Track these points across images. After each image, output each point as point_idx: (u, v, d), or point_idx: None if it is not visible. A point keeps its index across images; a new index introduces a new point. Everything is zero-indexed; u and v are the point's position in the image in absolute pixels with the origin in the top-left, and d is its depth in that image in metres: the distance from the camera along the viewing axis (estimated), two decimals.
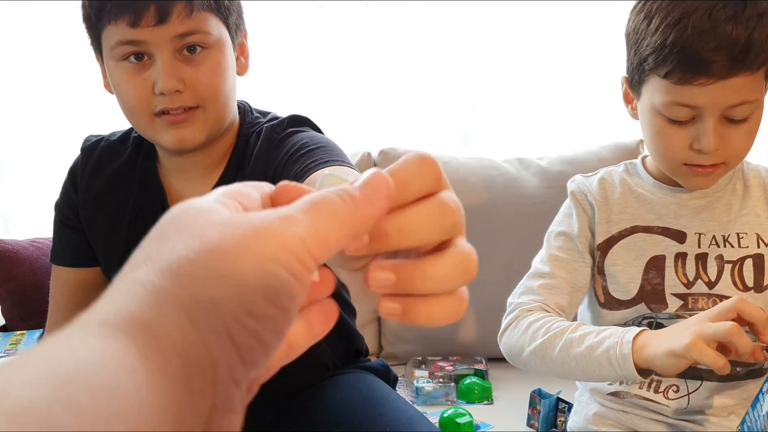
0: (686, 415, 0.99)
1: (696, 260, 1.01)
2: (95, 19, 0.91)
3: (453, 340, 1.62)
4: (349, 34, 1.97)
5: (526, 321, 1.01)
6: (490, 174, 1.69)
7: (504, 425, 1.28)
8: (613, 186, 1.07)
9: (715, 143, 0.91)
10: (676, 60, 0.90)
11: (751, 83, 0.90)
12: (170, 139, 0.91)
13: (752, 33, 0.87)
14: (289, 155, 0.91)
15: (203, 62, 0.90)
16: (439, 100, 1.98)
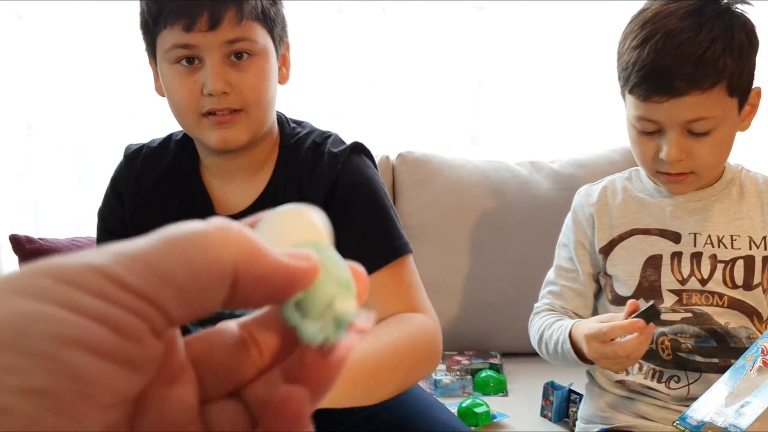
0: (688, 402, 1.05)
1: (691, 259, 1.08)
2: (152, 24, 0.96)
3: (469, 336, 1.69)
4: (366, 39, 2.02)
5: (533, 322, 1.19)
6: (504, 176, 1.76)
7: (518, 415, 1.35)
8: (615, 193, 1.16)
9: (675, 154, 0.99)
10: (636, 79, 1.00)
11: (706, 101, 0.98)
12: (215, 138, 0.96)
13: (703, 55, 0.96)
14: (353, 231, 0.96)
15: (249, 68, 0.95)
16: (454, 103, 2.04)
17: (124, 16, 1.79)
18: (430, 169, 1.77)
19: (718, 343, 1.06)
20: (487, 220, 1.72)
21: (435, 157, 1.80)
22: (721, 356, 1.06)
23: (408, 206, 1.74)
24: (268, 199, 1.02)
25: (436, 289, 1.67)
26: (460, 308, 1.69)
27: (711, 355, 1.06)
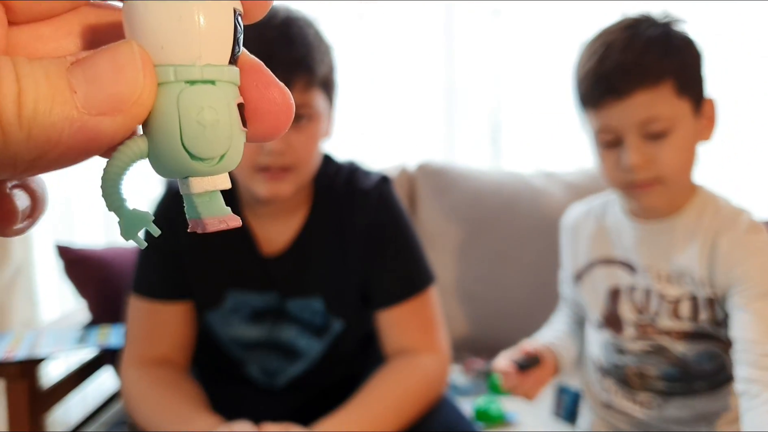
0: (661, 423, 1.11)
1: (643, 293, 1.11)
2: None
3: (484, 340, 1.76)
4: (387, 49, 2.10)
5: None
6: (519, 187, 1.82)
7: (531, 414, 1.42)
8: (589, 220, 1.21)
9: (635, 158, 1.00)
10: (585, 89, 1.04)
11: (655, 99, 1.00)
12: (266, 191, 1.01)
13: (642, 56, 1.00)
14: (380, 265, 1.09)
15: (306, 131, 1.01)
16: (472, 116, 2.11)
17: None
18: (447, 179, 1.84)
19: (681, 369, 1.09)
20: (502, 229, 1.79)
21: (453, 168, 1.87)
22: (685, 381, 1.09)
23: (426, 215, 1.82)
24: (307, 236, 1.10)
25: (452, 294, 1.75)
26: (476, 313, 1.77)
27: (676, 380, 1.09)
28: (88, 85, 0.19)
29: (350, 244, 1.10)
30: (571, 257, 1.22)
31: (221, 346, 1.15)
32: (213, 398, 1.10)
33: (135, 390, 1.06)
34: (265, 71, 0.23)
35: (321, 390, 1.18)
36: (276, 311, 1.13)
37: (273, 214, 1.10)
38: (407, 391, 1.02)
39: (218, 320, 1.13)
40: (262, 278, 1.11)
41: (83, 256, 1.44)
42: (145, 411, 1.04)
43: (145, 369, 1.07)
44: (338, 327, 1.13)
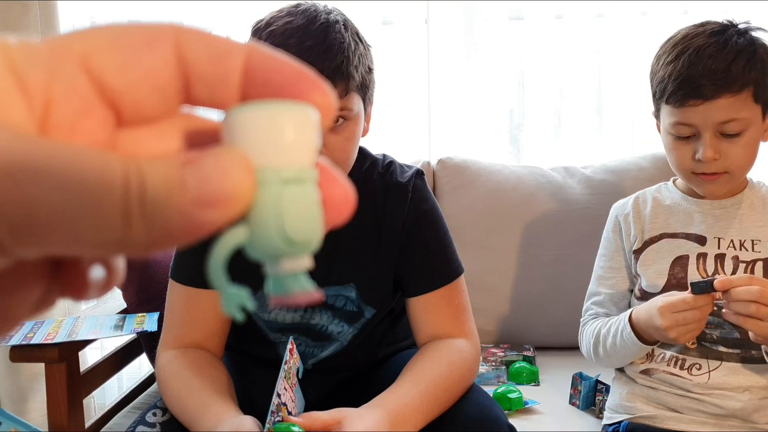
0: (707, 390, 1.15)
1: (715, 259, 1.18)
2: None
3: (505, 330, 1.80)
4: (410, 51, 2.13)
5: (584, 332, 1.29)
6: (539, 181, 1.86)
7: (549, 402, 1.46)
8: (646, 203, 1.28)
9: (711, 154, 1.11)
10: (672, 88, 1.12)
11: (736, 103, 1.10)
12: None
13: (730, 65, 1.09)
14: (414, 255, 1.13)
15: (343, 132, 1.04)
16: (493, 112, 2.14)
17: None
18: (468, 174, 1.88)
19: (741, 335, 1.14)
20: (522, 223, 1.82)
21: (473, 163, 1.91)
22: (743, 347, 1.14)
23: (447, 209, 1.85)
24: (344, 227, 1.12)
25: (474, 286, 1.77)
26: (497, 305, 1.80)
27: (734, 346, 1.15)
28: (197, 183, 0.22)
29: (385, 235, 1.14)
30: (635, 233, 1.26)
31: (257, 329, 1.20)
32: (244, 380, 1.15)
33: (167, 370, 1.11)
34: (330, 170, 0.27)
35: (346, 370, 1.23)
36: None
37: None
38: (452, 370, 1.06)
39: (257, 304, 1.17)
40: None
41: None
42: (170, 392, 1.09)
43: (177, 352, 1.12)
44: (369, 314, 1.17)
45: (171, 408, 1.09)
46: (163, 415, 1.12)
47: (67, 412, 1.29)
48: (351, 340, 1.19)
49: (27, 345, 1.26)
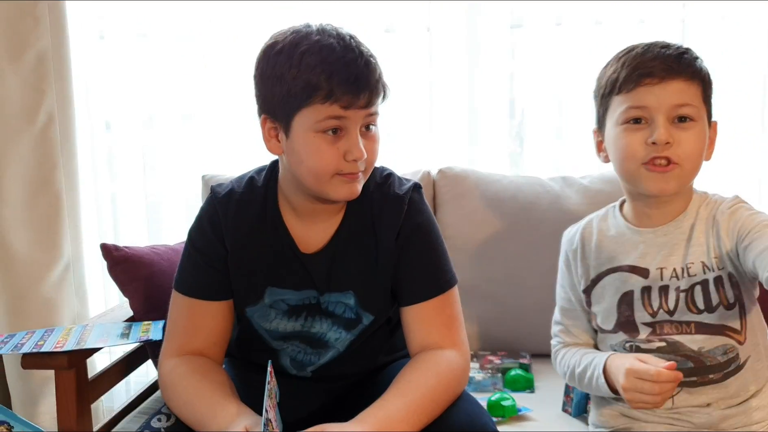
0: (674, 412, 1.20)
1: (659, 292, 1.19)
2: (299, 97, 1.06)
3: (501, 338, 1.84)
4: (412, 61, 2.17)
5: (558, 360, 1.34)
6: (537, 191, 1.90)
7: (542, 409, 1.50)
8: (591, 235, 1.30)
9: (665, 135, 1.12)
10: (627, 73, 1.16)
11: (688, 90, 1.15)
12: (344, 192, 1.12)
13: (682, 55, 1.16)
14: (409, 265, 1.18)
15: (374, 138, 1.13)
16: (492, 123, 2.18)
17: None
18: (467, 183, 1.92)
19: (695, 364, 1.17)
20: (520, 231, 1.87)
21: (472, 173, 1.95)
22: (698, 374, 1.18)
23: (447, 217, 1.90)
24: (343, 236, 1.20)
25: (472, 294, 1.83)
26: (494, 312, 1.85)
27: (690, 375, 1.17)
28: None
29: (382, 245, 1.19)
30: (580, 273, 1.29)
31: (259, 338, 1.26)
32: (246, 387, 1.20)
33: (170, 377, 1.16)
34: None
35: (346, 378, 1.28)
36: (311, 307, 1.22)
37: (314, 216, 1.19)
38: (439, 381, 1.10)
39: (257, 314, 1.23)
40: (301, 275, 1.20)
41: (127, 255, 1.56)
42: (177, 397, 1.14)
43: (181, 359, 1.17)
44: (367, 320, 1.22)
45: (178, 412, 1.14)
46: (167, 420, 1.17)
47: (76, 417, 1.34)
48: (348, 346, 1.23)
49: (38, 353, 1.31)
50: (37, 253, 2.03)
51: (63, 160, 2.06)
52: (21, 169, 2.01)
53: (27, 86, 2.00)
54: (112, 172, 2.27)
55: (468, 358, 1.18)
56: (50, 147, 2.03)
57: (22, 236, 2.02)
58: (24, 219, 2.02)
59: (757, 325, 1.21)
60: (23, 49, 1.98)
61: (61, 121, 2.06)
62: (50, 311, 2.04)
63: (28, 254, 2.03)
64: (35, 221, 2.03)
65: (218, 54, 2.20)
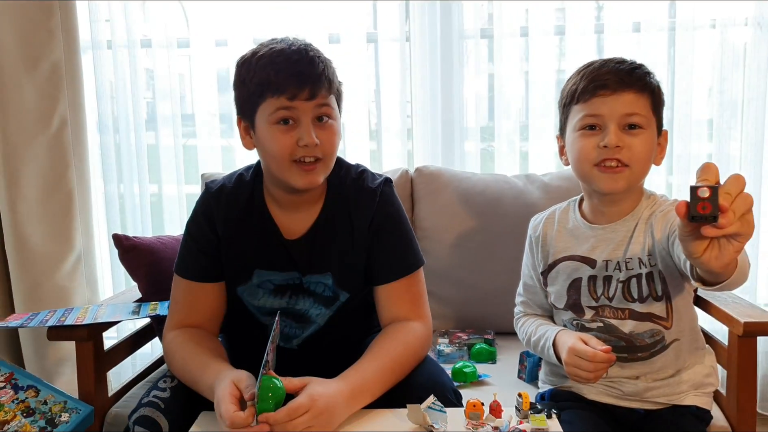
0: (607, 380, 1.39)
1: (603, 281, 1.36)
2: (258, 93, 1.23)
3: (470, 317, 2.04)
4: (392, 70, 2.36)
5: (518, 327, 1.53)
6: (503, 187, 2.08)
7: (500, 376, 1.70)
8: (552, 225, 1.47)
9: (615, 140, 1.26)
10: (584, 85, 1.31)
11: (638, 101, 1.29)
12: (302, 181, 1.26)
13: (633, 70, 1.30)
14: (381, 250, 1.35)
15: (328, 128, 1.26)
16: (464, 127, 2.37)
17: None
18: (441, 180, 2.11)
19: (626, 344, 1.36)
20: (488, 223, 2.05)
21: (446, 171, 2.15)
22: (628, 351, 1.35)
23: (423, 211, 2.10)
24: (322, 224, 1.35)
25: (445, 279, 2.03)
26: (464, 295, 2.04)
27: (621, 352, 1.35)
28: None
29: (357, 232, 1.34)
30: (540, 257, 1.48)
31: (249, 314, 1.42)
32: (239, 357, 1.37)
33: (171, 345, 1.34)
34: None
35: (328, 349, 1.44)
36: (294, 286, 1.37)
37: (295, 206, 1.34)
38: (406, 348, 1.28)
39: (246, 293, 1.38)
40: (285, 258, 1.35)
41: (135, 244, 1.76)
42: (176, 361, 1.31)
43: (180, 331, 1.35)
44: (343, 298, 1.38)
45: (177, 372, 1.31)
46: (172, 382, 1.32)
47: (94, 382, 1.55)
48: (327, 321, 1.40)
49: (61, 326, 1.51)
50: (51, 246, 2.21)
51: (75, 161, 2.24)
52: (36, 169, 2.18)
53: (42, 94, 2.17)
54: (120, 172, 2.46)
55: (430, 329, 1.37)
56: (63, 149, 2.21)
57: (38, 230, 2.20)
58: (39, 215, 2.20)
59: (684, 314, 1.37)
60: (38, 59, 2.16)
61: (73, 125, 2.23)
62: (63, 298, 2.23)
63: (43, 247, 2.20)
64: (49, 217, 2.21)
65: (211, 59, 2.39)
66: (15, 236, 2.19)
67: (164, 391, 1.29)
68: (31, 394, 1.44)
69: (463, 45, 2.35)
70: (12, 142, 2.16)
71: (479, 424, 1.15)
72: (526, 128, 2.36)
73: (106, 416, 1.58)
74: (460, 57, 2.35)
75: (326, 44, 2.35)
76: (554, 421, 1.13)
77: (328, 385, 1.15)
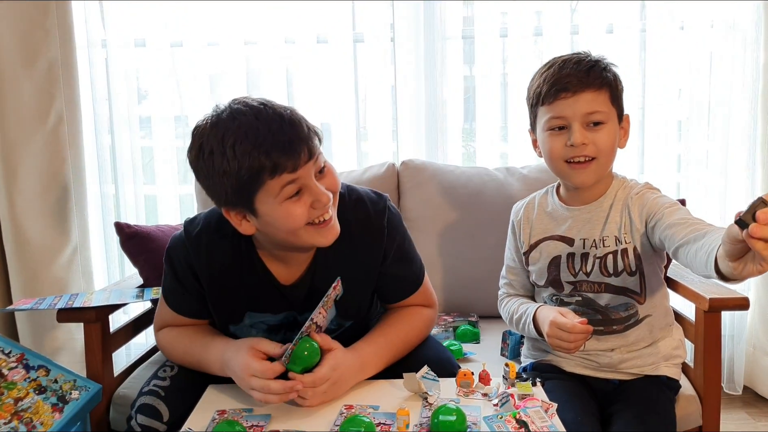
0: (584, 353, 1.50)
1: (581, 258, 1.47)
2: (256, 178, 1.11)
3: (455, 301, 2.15)
4: (380, 68, 2.46)
5: (502, 306, 1.63)
6: (484, 179, 2.19)
7: (484, 353, 1.81)
8: (533, 209, 1.58)
9: (580, 138, 1.37)
10: (547, 88, 1.41)
11: (597, 98, 1.39)
12: (325, 240, 1.21)
13: (590, 69, 1.40)
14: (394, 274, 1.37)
15: (329, 174, 1.20)
16: (447, 122, 2.47)
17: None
18: (427, 173, 2.21)
19: (602, 317, 1.47)
20: (470, 214, 2.15)
21: (431, 164, 2.25)
22: (604, 324, 1.47)
23: (409, 202, 2.20)
24: (321, 266, 1.31)
25: (430, 266, 2.11)
26: (449, 281, 2.14)
27: (598, 325, 1.46)
28: None
29: (366, 267, 1.34)
30: (522, 239, 1.58)
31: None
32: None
33: (166, 339, 1.39)
34: None
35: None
36: (290, 324, 1.38)
37: (289, 257, 1.30)
38: (412, 328, 1.38)
39: (239, 331, 1.38)
40: (280, 302, 1.33)
41: (137, 232, 1.84)
42: (175, 350, 1.37)
43: (170, 327, 1.41)
44: (347, 324, 1.41)
45: (178, 358, 1.38)
46: (171, 371, 1.38)
47: (101, 362, 1.63)
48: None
49: (71, 308, 1.59)
50: (48, 239, 2.27)
51: (71, 156, 2.29)
52: (34, 164, 2.23)
53: (39, 91, 2.22)
54: (114, 167, 2.53)
55: (437, 311, 1.47)
56: (60, 145, 2.26)
57: (35, 223, 2.25)
58: (36, 208, 2.25)
59: (657, 291, 1.48)
60: (35, 58, 2.21)
61: (69, 121, 2.28)
62: (60, 289, 2.28)
63: (41, 239, 2.26)
64: (46, 210, 2.26)
65: (205, 59, 2.46)
66: (13, 229, 2.24)
67: (164, 380, 1.36)
68: (42, 373, 1.51)
69: (446, 45, 2.46)
70: (10, 138, 2.21)
71: (470, 391, 1.26)
72: (506, 124, 2.48)
73: (113, 397, 1.66)
74: (443, 57, 2.45)
75: (314, 44, 2.45)
76: (539, 388, 1.24)
77: (347, 357, 1.23)
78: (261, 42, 2.45)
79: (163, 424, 1.27)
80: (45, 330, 2.28)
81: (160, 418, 1.28)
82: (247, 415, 1.19)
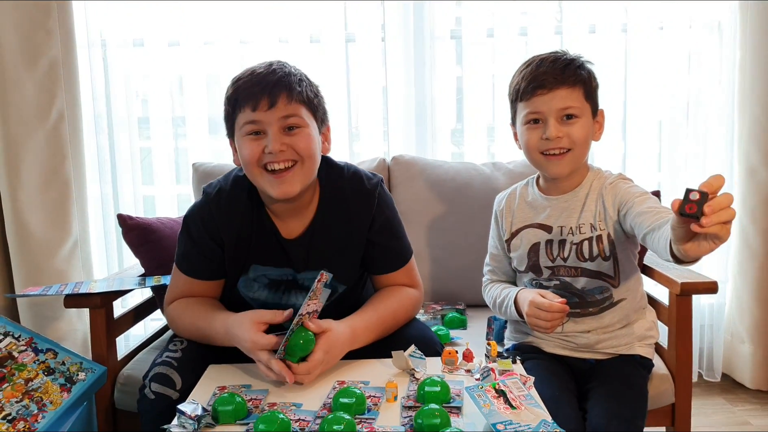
0: (563, 335, 1.59)
1: (558, 244, 1.55)
2: (231, 110, 1.33)
3: (443, 290, 2.23)
4: (371, 67, 2.53)
5: (486, 292, 1.71)
6: (471, 174, 2.27)
7: (470, 338, 1.89)
8: (514, 199, 1.67)
9: (555, 131, 1.46)
10: (525, 85, 1.50)
11: (572, 95, 1.47)
12: (276, 190, 1.32)
13: (565, 67, 1.47)
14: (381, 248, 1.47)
15: (299, 134, 1.32)
16: (437, 117, 2.55)
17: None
18: (416, 168, 2.29)
19: (579, 300, 1.55)
20: (458, 207, 2.23)
21: (420, 159, 2.33)
22: (581, 307, 1.55)
23: (400, 196, 2.26)
24: (318, 225, 1.44)
25: (420, 257, 2.20)
26: (438, 271, 2.22)
27: (574, 307, 1.54)
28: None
29: (355, 232, 1.44)
30: (504, 227, 1.66)
31: (244, 304, 1.51)
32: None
33: (174, 313, 1.48)
34: None
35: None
36: (288, 282, 1.46)
37: (289, 211, 1.43)
38: (401, 305, 1.47)
39: (242, 284, 1.49)
40: (282, 256, 1.44)
41: (138, 223, 1.92)
42: (182, 323, 1.45)
43: (179, 300, 1.49)
44: (341, 290, 1.50)
45: (186, 332, 1.45)
46: (182, 344, 1.46)
47: (106, 346, 1.70)
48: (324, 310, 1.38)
49: (77, 294, 1.67)
50: (50, 232, 2.33)
51: (72, 152, 2.35)
52: (36, 160, 2.29)
53: (41, 89, 2.27)
54: (113, 163, 2.59)
55: (422, 293, 1.56)
56: (60, 141, 2.32)
57: (37, 218, 2.31)
58: (38, 203, 2.30)
59: (631, 276, 1.56)
60: (37, 57, 2.27)
61: (70, 119, 2.34)
62: (61, 280, 2.34)
63: (42, 233, 2.31)
64: (48, 205, 2.32)
65: (202, 58, 2.53)
66: (15, 223, 2.30)
67: (176, 352, 1.44)
68: (50, 356, 1.59)
69: (435, 45, 2.53)
70: (13, 135, 2.26)
71: (454, 368, 1.34)
72: (492, 121, 2.56)
73: (118, 377, 1.74)
74: (432, 57, 2.52)
75: (307, 44, 2.52)
76: (518, 365, 1.33)
77: (339, 332, 1.31)
78: (255, 41, 2.52)
79: (176, 392, 1.34)
80: (47, 321, 2.34)
81: (173, 386, 1.35)
82: (245, 390, 1.27)
